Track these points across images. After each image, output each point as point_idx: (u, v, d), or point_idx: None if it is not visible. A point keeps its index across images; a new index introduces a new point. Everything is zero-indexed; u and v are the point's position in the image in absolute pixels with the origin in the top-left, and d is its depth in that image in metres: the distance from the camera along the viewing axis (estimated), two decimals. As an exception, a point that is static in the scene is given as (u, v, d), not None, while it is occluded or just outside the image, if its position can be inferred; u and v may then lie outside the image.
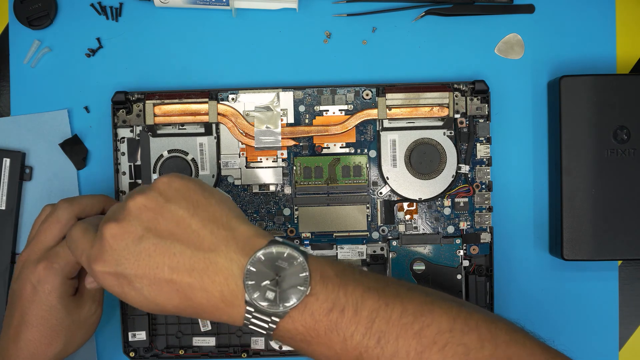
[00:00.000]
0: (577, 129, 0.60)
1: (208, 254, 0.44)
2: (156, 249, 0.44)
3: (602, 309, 0.64)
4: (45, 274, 0.53)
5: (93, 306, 0.56)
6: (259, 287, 0.43)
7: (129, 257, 0.44)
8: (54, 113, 0.64)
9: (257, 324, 0.44)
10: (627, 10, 0.64)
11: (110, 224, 0.45)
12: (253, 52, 0.64)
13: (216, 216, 0.45)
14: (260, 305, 0.43)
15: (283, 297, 0.43)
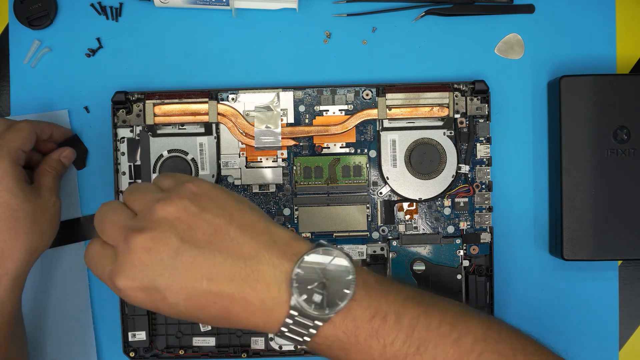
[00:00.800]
0: (577, 129, 0.60)
1: (249, 261, 0.43)
2: (194, 261, 0.42)
3: (602, 309, 0.64)
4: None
5: (52, 196, 0.57)
6: (306, 291, 0.42)
7: (164, 272, 0.42)
8: (54, 113, 0.64)
9: (296, 331, 0.43)
10: (627, 10, 0.64)
11: (140, 236, 0.42)
12: (253, 52, 0.64)
13: (253, 222, 0.44)
14: (306, 308, 0.42)
15: (330, 301, 0.42)
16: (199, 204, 0.43)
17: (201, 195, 0.44)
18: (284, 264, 0.43)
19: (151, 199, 0.44)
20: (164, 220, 0.43)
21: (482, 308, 0.62)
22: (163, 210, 0.43)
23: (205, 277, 0.42)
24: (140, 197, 0.45)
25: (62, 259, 0.64)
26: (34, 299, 0.63)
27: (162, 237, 0.42)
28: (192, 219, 0.43)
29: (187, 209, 0.43)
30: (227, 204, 0.44)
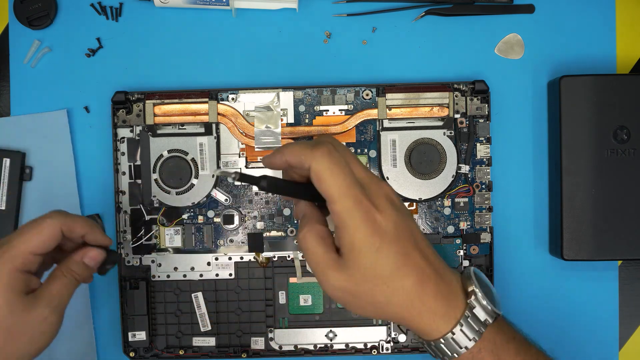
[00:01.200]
0: (577, 129, 0.60)
1: (439, 260, 0.49)
2: (414, 231, 0.47)
3: (602, 309, 0.64)
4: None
5: (47, 312, 0.49)
6: (480, 288, 0.47)
7: (400, 223, 0.46)
8: (53, 113, 0.64)
9: (468, 330, 0.47)
10: (627, 10, 0.64)
11: (389, 186, 0.47)
12: (253, 52, 0.64)
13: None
14: (484, 301, 0.47)
15: (495, 304, 0.48)
16: (410, 219, 0.49)
17: (411, 215, 0.50)
18: (457, 272, 0.50)
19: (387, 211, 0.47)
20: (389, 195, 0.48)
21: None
22: (400, 219, 0.47)
23: (419, 250, 0.47)
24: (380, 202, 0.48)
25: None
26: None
27: (400, 202, 0.48)
28: (417, 234, 0.48)
29: (411, 224, 0.48)
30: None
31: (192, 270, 0.63)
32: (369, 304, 0.47)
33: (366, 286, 0.45)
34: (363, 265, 0.45)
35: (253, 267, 0.63)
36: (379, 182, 0.47)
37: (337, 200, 0.44)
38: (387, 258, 0.45)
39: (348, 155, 0.46)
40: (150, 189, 0.62)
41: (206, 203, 0.63)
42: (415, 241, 0.47)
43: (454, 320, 0.46)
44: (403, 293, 0.46)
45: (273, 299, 0.63)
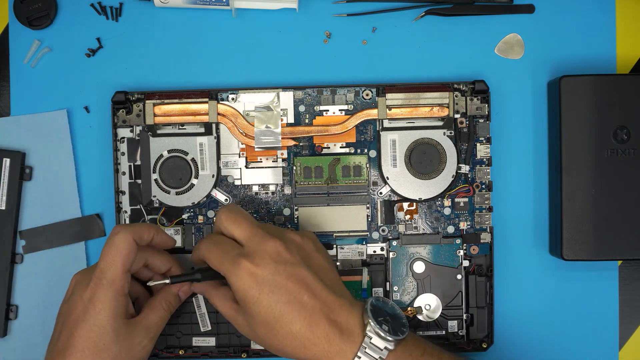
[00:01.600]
0: (577, 129, 0.60)
1: (339, 297, 0.52)
2: (305, 277, 0.52)
3: (602, 309, 0.64)
4: (96, 290, 0.52)
5: (147, 341, 0.55)
6: (377, 321, 0.51)
7: (282, 272, 0.51)
8: (53, 113, 0.64)
9: (369, 355, 0.51)
10: (627, 10, 0.64)
11: (276, 240, 0.52)
12: (253, 52, 0.64)
13: (338, 276, 0.56)
14: (380, 332, 0.50)
15: (394, 331, 0.51)
16: (316, 245, 0.56)
17: (317, 241, 0.57)
18: (359, 304, 0.53)
19: (279, 228, 0.56)
20: (291, 241, 0.54)
21: (482, 308, 0.62)
22: (295, 237, 0.55)
23: (309, 293, 0.52)
24: (268, 225, 0.57)
25: (63, 259, 0.64)
26: (35, 298, 0.63)
27: (292, 251, 0.53)
28: (311, 251, 0.55)
29: (310, 244, 0.55)
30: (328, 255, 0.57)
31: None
32: (272, 347, 0.53)
33: (261, 331, 0.52)
34: (251, 314, 0.52)
35: (253, 267, 0.63)
36: (263, 239, 0.53)
37: (219, 269, 0.53)
38: (269, 307, 0.51)
39: (230, 225, 0.54)
40: (150, 189, 0.62)
41: (206, 203, 0.63)
42: (305, 285, 0.52)
43: (351, 355, 0.51)
44: (292, 338, 0.51)
45: (273, 299, 0.63)
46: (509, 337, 0.64)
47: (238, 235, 0.54)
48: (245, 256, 0.52)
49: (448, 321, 0.62)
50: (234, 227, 0.54)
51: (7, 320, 0.63)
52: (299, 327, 0.51)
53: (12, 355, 0.63)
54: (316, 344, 0.51)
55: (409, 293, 0.63)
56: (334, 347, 0.51)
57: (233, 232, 0.54)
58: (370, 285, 0.63)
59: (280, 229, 0.56)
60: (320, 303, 0.51)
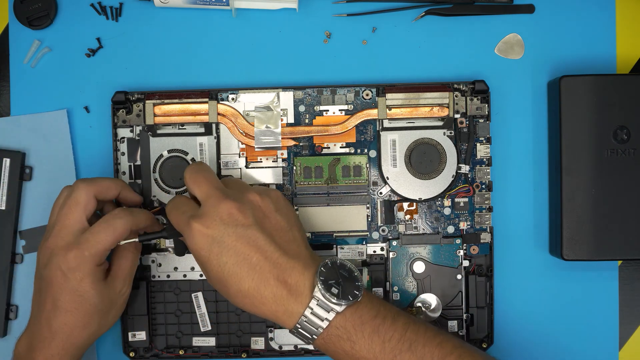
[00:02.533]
0: (577, 129, 0.60)
1: (291, 258, 0.53)
2: (257, 240, 0.52)
3: (602, 309, 0.64)
4: (76, 262, 0.54)
5: (123, 287, 0.58)
6: (326, 284, 0.52)
7: (232, 234, 0.52)
8: (53, 113, 0.64)
9: (312, 322, 0.51)
10: (627, 10, 0.64)
11: (230, 202, 0.53)
12: (253, 52, 0.64)
13: (299, 235, 0.56)
14: (327, 296, 0.51)
15: (344, 295, 0.52)
16: (277, 205, 0.55)
17: (279, 201, 0.56)
18: (312, 266, 0.53)
19: (244, 186, 0.56)
20: (251, 203, 0.54)
21: (482, 308, 0.62)
22: (252, 196, 0.54)
23: (259, 254, 0.52)
24: (234, 181, 0.57)
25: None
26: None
27: (245, 212, 0.53)
28: (268, 213, 0.54)
29: (268, 205, 0.55)
30: (291, 215, 0.56)
31: (192, 270, 0.63)
32: (229, 300, 0.54)
33: (216, 287, 0.54)
34: (205, 271, 0.54)
35: (253, 267, 0.63)
36: (217, 201, 0.53)
37: (177, 227, 0.54)
38: (218, 267, 0.52)
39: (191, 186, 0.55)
40: (150, 189, 0.62)
41: (206, 203, 0.63)
42: (255, 247, 0.52)
43: (297, 315, 0.52)
44: (242, 296, 0.52)
45: (273, 299, 0.63)
46: (509, 337, 0.64)
47: (198, 196, 0.54)
48: (198, 217, 0.53)
49: (448, 321, 0.62)
50: (195, 187, 0.55)
51: (7, 320, 0.63)
52: (247, 287, 0.52)
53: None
54: (264, 303, 0.52)
55: (409, 293, 0.63)
56: (281, 307, 0.52)
57: (194, 192, 0.55)
58: (370, 285, 0.63)
59: (245, 187, 0.56)
60: (270, 264, 0.52)
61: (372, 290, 0.63)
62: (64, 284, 0.54)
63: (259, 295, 0.52)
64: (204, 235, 0.52)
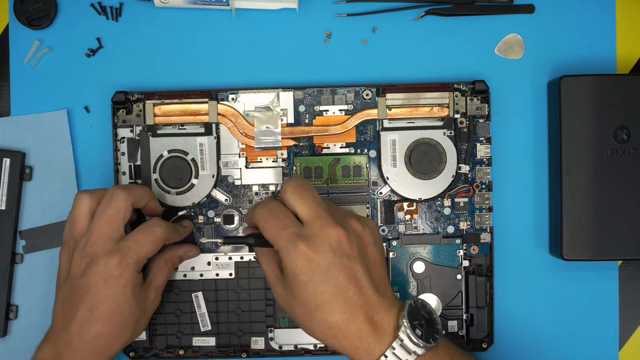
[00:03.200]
0: (577, 129, 0.60)
1: (381, 296, 0.52)
2: (357, 273, 0.51)
3: (602, 309, 0.64)
4: (120, 269, 0.53)
5: (156, 298, 0.58)
6: (411, 325, 0.51)
7: (337, 264, 0.51)
8: (53, 113, 0.64)
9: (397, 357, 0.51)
10: (627, 10, 0.64)
11: (339, 229, 0.52)
12: (253, 52, 0.64)
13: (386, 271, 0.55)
14: (411, 337, 0.50)
15: (427, 337, 0.51)
16: (374, 237, 0.55)
17: (376, 233, 0.56)
18: (397, 303, 0.53)
19: (342, 210, 0.55)
20: (353, 231, 0.53)
21: (482, 308, 0.62)
22: (355, 224, 0.53)
23: (355, 288, 0.51)
24: (329, 203, 0.55)
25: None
26: (35, 298, 0.63)
27: (351, 240, 0.52)
28: (369, 245, 0.54)
29: (369, 236, 0.54)
30: (382, 250, 0.55)
31: (192, 270, 0.63)
32: (302, 326, 0.54)
33: (297, 310, 0.52)
34: (294, 293, 0.52)
35: (253, 267, 0.63)
36: (326, 225, 0.52)
37: (273, 242, 0.52)
38: (314, 294, 0.51)
39: (295, 200, 0.53)
40: (151, 189, 0.62)
41: (206, 203, 0.63)
42: (355, 281, 0.51)
43: (378, 353, 0.51)
44: (326, 327, 0.51)
45: (273, 299, 0.63)
46: (509, 337, 0.64)
47: (301, 212, 0.53)
48: (305, 238, 0.51)
49: (448, 321, 0.62)
50: (299, 203, 0.53)
51: (7, 320, 0.63)
52: (336, 319, 0.51)
53: (12, 355, 0.63)
54: (348, 337, 0.51)
55: (409, 293, 0.63)
56: (364, 344, 0.51)
57: (296, 207, 0.53)
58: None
59: (343, 211, 0.55)
60: (363, 300, 0.51)
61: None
62: (105, 292, 0.53)
63: (345, 329, 0.51)
64: (309, 260, 0.51)
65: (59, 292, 0.56)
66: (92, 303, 0.53)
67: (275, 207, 0.53)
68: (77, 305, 0.54)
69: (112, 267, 0.53)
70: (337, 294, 0.51)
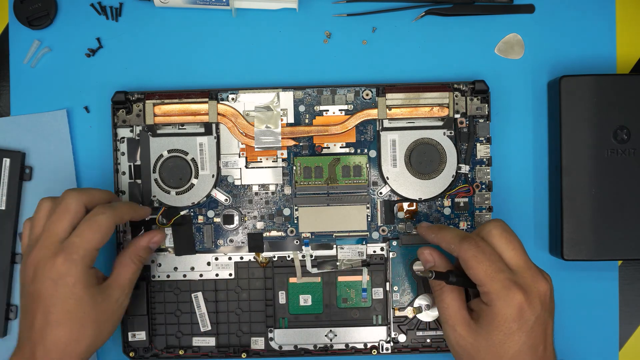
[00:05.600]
0: (577, 129, 0.60)
1: (553, 357, 0.53)
2: (548, 329, 0.52)
3: (602, 309, 0.64)
4: (66, 267, 0.51)
5: (121, 297, 0.55)
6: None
7: (541, 318, 0.51)
8: (53, 113, 0.64)
9: None
10: (627, 10, 0.64)
11: (548, 283, 0.52)
12: (253, 52, 0.64)
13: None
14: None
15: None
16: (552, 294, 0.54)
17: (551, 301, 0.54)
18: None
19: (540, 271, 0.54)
20: (551, 287, 0.53)
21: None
22: (548, 277, 0.53)
23: (544, 346, 0.52)
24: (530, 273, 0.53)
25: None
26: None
27: (552, 296, 0.52)
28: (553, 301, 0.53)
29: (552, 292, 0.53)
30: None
31: (192, 270, 0.63)
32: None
33: (481, 354, 0.51)
34: (492, 339, 0.51)
35: (253, 267, 0.63)
36: (537, 277, 0.52)
37: (485, 284, 0.51)
38: (515, 343, 0.50)
39: (505, 245, 0.52)
40: (150, 189, 0.62)
41: (206, 203, 0.63)
42: (544, 337, 0.51)
43: None
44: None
45: (273, 299, 0.63)
46: (509, 337, 0.64)
47: (509, 258, 0.52)
48: (520, 286, 0.51)
49: (448, 321, 0.62)
50: (508, 248, 0.52)
51: (7, 321, 0.63)
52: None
53: (12, 355, 0.63)
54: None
55: (409, 293, 0.63)
56: None
57: (504, 252, 0.52)
58: (370, 285, 0.63)
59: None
60: (545, 358, 0.52)
61: (372, 291, 0.63)
62: (54, 293, 0.51)
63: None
64: (521, 310, 0.50)
65: (20, 302, 0.54)
66: (45, 307, 0.51)
67: (486, 248, 0.52)
68: (33, 312, 0.52)
69: (58, 266, 0.51)
70: (532, 347, 0.51)
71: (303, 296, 0.63)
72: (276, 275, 0.63)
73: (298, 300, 0.63)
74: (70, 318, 0.52)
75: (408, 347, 0.63)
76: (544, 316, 0.51)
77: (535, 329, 0.51)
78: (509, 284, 0.51)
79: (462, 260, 0.52)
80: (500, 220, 0.54)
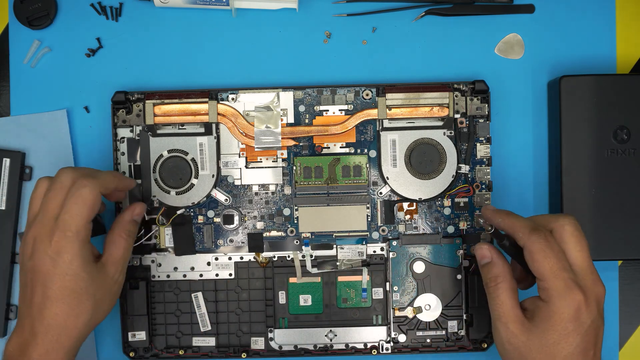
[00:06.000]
0: (577, 129, 0.60)
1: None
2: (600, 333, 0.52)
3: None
4: (62, 244, 0.52)
5: (116, 274, 0.56)
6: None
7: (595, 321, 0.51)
8: (53, 113, 0.64)
9: None
10: (627, 10, 0.64)
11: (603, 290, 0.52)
12: (253, 52, 0.64)
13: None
14: None
15: None
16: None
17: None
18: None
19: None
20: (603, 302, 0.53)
21: (482, 308, 0.62)
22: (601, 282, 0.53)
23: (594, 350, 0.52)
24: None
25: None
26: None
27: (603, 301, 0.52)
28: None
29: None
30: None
31: (192, 270, 0.63)
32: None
33: (532, 354, 0.51)
34: (546, 338, 0.51)
35: (253, 267, 0.63)
36: (598, 281, 0.52)
37: (547, 279, 0.51)
38: (568, 345, 0.50)
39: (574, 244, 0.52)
40: (150, 189, 0.62)
41: (206, 203, 0.63)
42: (595, 342, 0.51)
43: None
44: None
45: (273, 299, 0.63)
46: (509, 337, 0.64)
47: (574, 258, 0.52)
48: (581, 288, 0.51)
49: (448, 321, 0.62)
50: (576, 248, 0.52)
51: (7, 320, 0.63)
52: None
53: (12, 355, 0.63)
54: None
55: (409, 293, 0.63)
56: None
57: (571, 251, 0.52)
58: (370, 286, 0.63)
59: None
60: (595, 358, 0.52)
61: (372, 291, 0.63)
62: (52, 270, 0.52)
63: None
64: (579, 311, 0.50)
65: (20, 279, 0.55)
66: (44, 284, 0.52)
67: (555, 244, 0.52)
68: (32, 288, 0.53)
69: (54, 244, 0.52)
70: (584, 350, 0.51)
71: (303, 296, 0.63)
72: (276, 275, 0.63)
73: (298, 300, 0.63)
74: (69, 294, 0.52)
75: (408, 347, 0.63)
76: (598, 321, 0.51)
77: (590, 332, 0.51)
78: (571, 284, 0.51)
79: (528, 252, 0.52)
80: (573, 217, 0.53)
